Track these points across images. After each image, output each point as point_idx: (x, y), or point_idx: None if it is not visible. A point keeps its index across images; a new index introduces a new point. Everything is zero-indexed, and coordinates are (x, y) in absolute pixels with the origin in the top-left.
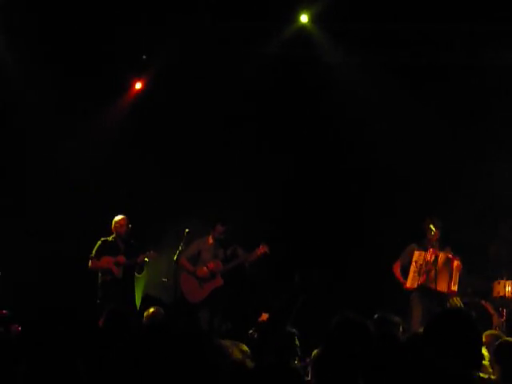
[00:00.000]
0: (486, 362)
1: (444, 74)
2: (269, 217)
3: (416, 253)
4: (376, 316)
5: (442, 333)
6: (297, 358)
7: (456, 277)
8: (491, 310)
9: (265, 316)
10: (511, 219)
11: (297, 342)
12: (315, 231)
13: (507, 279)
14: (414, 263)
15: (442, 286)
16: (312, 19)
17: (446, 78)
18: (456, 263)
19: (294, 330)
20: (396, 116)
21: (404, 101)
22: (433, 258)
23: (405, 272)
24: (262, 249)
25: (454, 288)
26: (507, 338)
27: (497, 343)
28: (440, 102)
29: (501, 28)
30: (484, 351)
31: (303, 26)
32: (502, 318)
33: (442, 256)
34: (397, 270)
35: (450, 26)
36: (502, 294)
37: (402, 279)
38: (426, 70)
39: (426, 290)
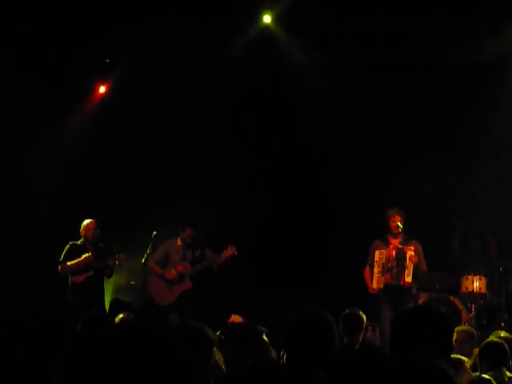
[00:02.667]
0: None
1: (408, 71)
2: (238, 218)
3: (377, 252)
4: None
5: (410, 328)
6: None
7: (410, 268)
8: (460, 306)
9: (235, 318)
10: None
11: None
12: (286, 232)
13: (475, 275)
14: (376, 264)
15: (402, 280)
16: (275, 19)
17: (409, 74)
18: (409, 253)
19: (264, 328)
20: (360, 114)
21: (368, 98)
22: (393, 254)
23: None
24: (230, 250)
25: (408, 279)
26: (493, 339)
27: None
28: (404, 100)
29: (462, 25)
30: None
31: (266, 27)
32: (471, 313)
33: (397, 249)
34: (367, 274)
35: (413, 23)
36: (470, 289)
37: (370, 284)
38: (388, 68)
39: (391, 288)
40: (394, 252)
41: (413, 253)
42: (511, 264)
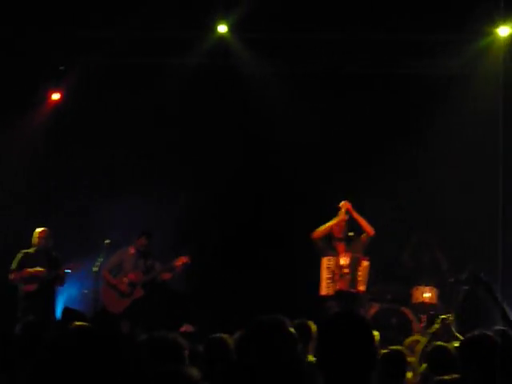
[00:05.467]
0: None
1: (363, 84)
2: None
3: (325, 259)
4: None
5: (334, 336)
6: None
7: (364, 277)
8: (411, 316)
9: (186, 327)
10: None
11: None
12: (243, 240)
13: (426, 285)
14: (326, 269)
15: (355, 288)
16: (230, 29)
17: (364, 87)
18: (365, 263)
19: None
20: (314, 125)
21: (322, 110)
22: (346, 261)
23: None
24: (181, 260)
25: (362, 288)
26: (439, 343)
27: (430, 348)
28: (357, 112)
29: (419, 38)
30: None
31: (222, 36)
32: (422, 323)
33: (351, 256)
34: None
35: (368, 35)
36: (420, 300)
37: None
38: (343, 80)
39: (342, 295)
40: (347, 259)
41: (368, 262)
42: (462, 275)
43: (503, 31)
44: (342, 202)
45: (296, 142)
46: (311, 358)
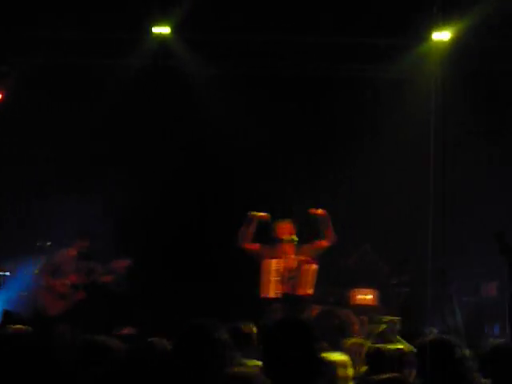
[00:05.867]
0: (349, 370)
1: (303, 86)
2: (133, 227)
3: (274, 261)
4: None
5: (279, 343)
6: None
7: (312, 280)
8: (351, 318)
9: (127, 330)
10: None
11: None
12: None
13: (366, 287)
14: (273, 272)
15: (301, 291)
16: (172, 30)
17: (305, 90)
18: (313, 267)
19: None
20: (256, 127)
21: (264, 112)
22: (295, 264)
23: None
24: (123, 262)
25: (310, 291)
26: (377, 345)
27: (370, 351)
28: (298, 115)
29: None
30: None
31: (165, 38)
32: (363, 325)
33: (299, 259)
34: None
35: (309, 38)
36: (361, 301)
37: None
38: (285, 82)
39: (290, 298)
40: (295, 262)
41: (316, 265)
42: (402, 277)
43: (442, 36)
44: (319, 210)
45: (238, 144)
46: (250, 363)
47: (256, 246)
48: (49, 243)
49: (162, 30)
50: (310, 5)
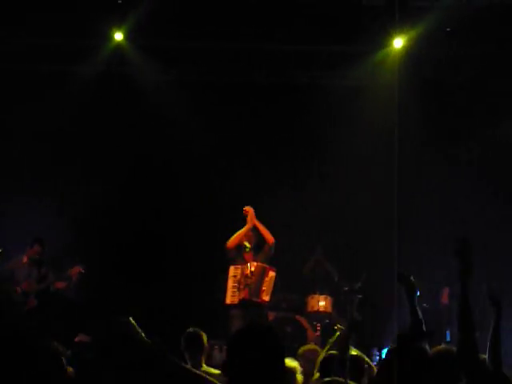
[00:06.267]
0: (298, 376)
1: (262, 93)
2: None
3: (232, 268)
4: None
5: (241, 351)
6: None
7: (269, 287)
8: (306, 325)
9: (81, 337)
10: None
11: None
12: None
13: (320, 294)
14: (232, 278)
15: (258, 298)
16: (126, 37)
17: (262, 96)
18: (271, 274)
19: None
20: (210, 132)
21: (218, 117)
22: (252, 270)
23: None
24: (76, 269)
25: (266, 298)
26: (333, 352)
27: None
28: (254, 121)
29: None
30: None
31: (118, 44)
32: (317, 332)
33: (257, 266)
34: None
35: (269, 45)
36: (315, 308)
37: None
38: (240, 89)
39: (246, 304)
40: (252, 268)
41: (274, 272)
42: (356, 284)
43: (398, 43)
44: (246, 207)
45: (192, 149)
46: (205, 368)
47: (232, 252)
48: (0, 250)
49: (117, 36)
50: (266, 12)
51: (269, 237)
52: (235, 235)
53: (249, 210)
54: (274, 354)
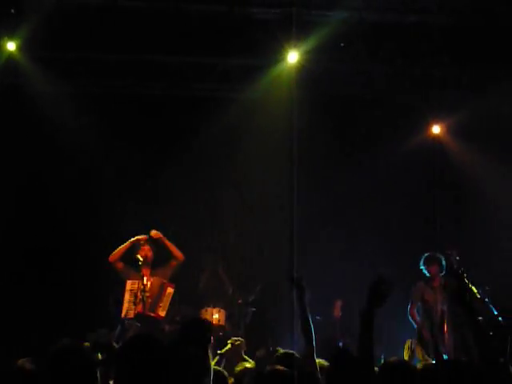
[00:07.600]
0: None
1: (157, 106)
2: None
3: (129, 282)
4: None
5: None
6: None
7: (166, 302)
8: None
9: None
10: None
11: None
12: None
13: (214, 307)
14: (128, 292)
15: (155, 312)
16: (19, 47)
17: (159, 109)
18: (169, 290)
19: None
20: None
21: (113, 130)
22: (148, 284)
23: None
24: None
25: (162, 314)
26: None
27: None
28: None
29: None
30: None
31: (11, 54)
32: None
33: (155, 281)
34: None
35: (160, 57)
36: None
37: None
38: (140, 100)
39: (143, 318)
40: (148, 283)
41: (172, 288)
42: (249, 297)
43: (292, 57)
44: (153, 232)
45: (88, 162)
46: None
47: (120, 265)
48: None
49: (9, 46)
50: (164, 24)
51: (178, 254)
52: (117, 249)
53: (155, 234)
54: (156, 363)
